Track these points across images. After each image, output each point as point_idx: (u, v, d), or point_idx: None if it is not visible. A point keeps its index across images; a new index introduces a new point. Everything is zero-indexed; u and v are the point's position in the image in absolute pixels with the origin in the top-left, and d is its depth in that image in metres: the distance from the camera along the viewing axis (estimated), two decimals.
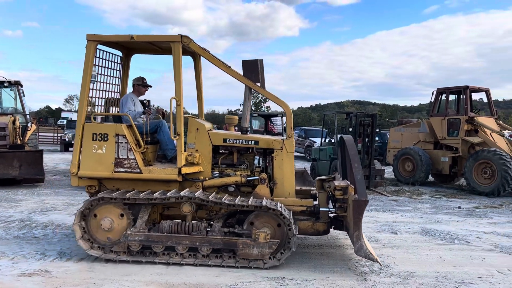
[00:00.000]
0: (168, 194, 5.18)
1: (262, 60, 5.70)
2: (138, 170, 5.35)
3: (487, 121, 12.95)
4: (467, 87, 13.08)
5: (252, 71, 5.63)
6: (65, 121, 38.06)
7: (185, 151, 5.50)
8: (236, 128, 6.64)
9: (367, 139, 11.95)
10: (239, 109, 66.61)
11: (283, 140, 5.60)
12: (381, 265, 5.00)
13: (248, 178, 5.61)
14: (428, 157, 13.51)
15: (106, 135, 5.37)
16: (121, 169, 5.35)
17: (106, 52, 6.08)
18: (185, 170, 5.40)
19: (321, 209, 5.54)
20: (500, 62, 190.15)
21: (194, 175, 5.56)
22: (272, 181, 5.61)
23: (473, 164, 11.97)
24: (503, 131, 13.00)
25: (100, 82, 6.04)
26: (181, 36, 5.35)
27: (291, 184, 5.61)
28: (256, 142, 5.68)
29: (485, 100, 14.09)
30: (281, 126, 16.99)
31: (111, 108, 6.42)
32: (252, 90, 5.75)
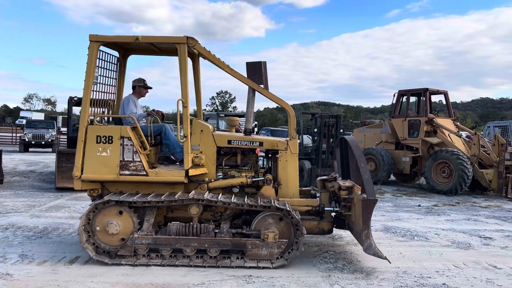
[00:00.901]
0: (177, 196, 5.15)
1: (265, 62, 5.74)
2: (144, 173, 5.29)
3: (446, 123, 13.47)
4: (427, 89, 13.56)
5: (256, 72, 5.65)
6: (24, 121, 36.84)
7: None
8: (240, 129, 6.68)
9: (331, 140, 12.20)
10: (205, 110, 66.35)
11: (287, 141, 5.66)
12: (390, 262, 5.01)
13: (253, 179, 5.63)
14: (390, 157, 13.92)
15: (110, 138, 5.28)
16: (127, 172, 5.28)
17: (103, 52, 5.91)
18: (192, 172, 5.38)
19: (326, 208, 5.60)
20: (459, 66, 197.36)
21: (199, 177, 5.54)
22: (276, 182, 5.66)
23: (432, 164, 12.42)
24: (460, 132, 13.56)
25: (99, 83, 5.93)
26: (187, 37, 5.30)
27: (295, 184, 5.68)
28: (261, 144, 5.71)
29: (444, 102, 14.66)
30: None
31: (106, 110, 6.30)
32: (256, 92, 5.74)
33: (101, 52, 5.75)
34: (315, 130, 12.51)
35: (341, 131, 13.28)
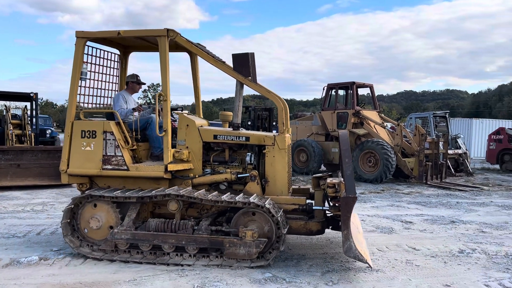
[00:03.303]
0: (154, 192, 5.07)
1: (253, 53, 5.53)
2: (125, 167, 5.30)
3: (371, 115, 14.16)
4: (354, 83, 14.17)
5: (243, 65, 5.44)
6: None
7: (174, 147, 5.36)
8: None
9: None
10: (137, 102, 64.55)
11: (275, 136, 5.44)
12: (371, 268, 4.76)
13: (238, 176, 5.44)
14: (320, 148, 14.43)
15: (94, 132, 5.34)
16: (109, 166, 5.31)
17: (103, 51, 6.04)
18: (172, 167, 5.26)
19: (314, 207, 5.36)
20: (386, 60, 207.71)
21: (183, 173, 5.41)
22: (263, 179, 5.48)
23: (359, 154, 13.04)
24: (385, 123, 14.33)
25: (93, 79, 5.93)
26: (167, 30, 5.25)
27: (284, 181, 5.43)
28: (247, 139, 5.51)
29: (370, 95, 15.38)
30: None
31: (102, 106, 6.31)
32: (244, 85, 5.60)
33: (102, 51, 5.96)
34: (249, 123, 12.67)
35: (274, 123, 13.58)
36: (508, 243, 6.19)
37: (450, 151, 14.42)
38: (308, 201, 5.43)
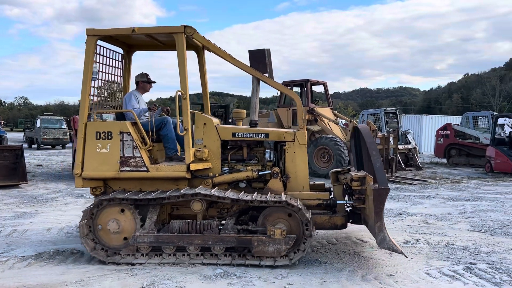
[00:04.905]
0: (182, 191, 4.95)
1: (269, 49, 5.45)
2: (145, 169, 5.10)
3: (325, 111, 14.45)
4: (308, 80, 14.41)
5: (260, 61, 5.37)
6: None
7: (192, 146, 5.21)
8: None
9: None
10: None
11: (295, 132, 5.43)
12: (406, 257, 4.86)
13: (259, 173, 5.39)
14: None
15: (110, 133, 5.10)
16: (127, 168, 5.10)
17: (106, 49, 5.78)
18: (194, 167, 5.13)
19: (338, 201, 5.39)
20: (342, 58, 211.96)
21: (203, 172, 5.28)
22: (285, 175, 5.42)
23: (314, 150, 13.29)
24: (338, 120, 14.66)
25: (101, 79, 5.65)
26: (185, 26, 5.12)
27: (305, 177, 5.43)
28: (267, 135, 5.49)
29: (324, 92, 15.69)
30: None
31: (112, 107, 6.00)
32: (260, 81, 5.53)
33: (105, 49, 5.71)
34: None
35: (230, 120, 13.57)
36: (450, 233, 6.51)
37: (400, 146, 14.96)
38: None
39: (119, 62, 6.18)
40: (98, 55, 5.54)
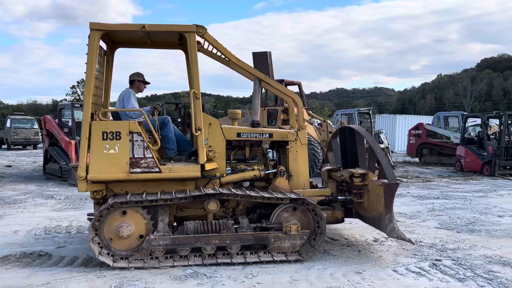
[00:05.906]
0: (205, 191, 4.94)
1: (270, 52, 5.56)
2: (157, 169, 4.90)
3: None
4: (283, 80, 14.43)
5: (262, 63, 5.44)
6: None
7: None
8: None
9: None
10: (65, 99, 61.55)
11: (297, 132, 5.58)
12: (413, 244, 5.48)
13: (266, 172, 5.47)
14: None
15: (118, 133, 4.84)
16: (138, 170, 4.87)
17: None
18: (208, 167, 5.07)
19: (339, 197, 5.65)
20: (319, 58, 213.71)
21: (210, 172, 5.22)
22: (287, 174, 5.53)
23: None
24: (313, 120, 14.79)
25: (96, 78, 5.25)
26: (197, 26, 5.09)
27: (306, 175, 5.61)
28: (271, 135, 5.58)
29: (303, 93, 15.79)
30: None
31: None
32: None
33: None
34: (179, 120, 12.53)
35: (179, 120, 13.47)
36: (418, 230, 6.66)
37: None
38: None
39: (102, 58, 5.87)
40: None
